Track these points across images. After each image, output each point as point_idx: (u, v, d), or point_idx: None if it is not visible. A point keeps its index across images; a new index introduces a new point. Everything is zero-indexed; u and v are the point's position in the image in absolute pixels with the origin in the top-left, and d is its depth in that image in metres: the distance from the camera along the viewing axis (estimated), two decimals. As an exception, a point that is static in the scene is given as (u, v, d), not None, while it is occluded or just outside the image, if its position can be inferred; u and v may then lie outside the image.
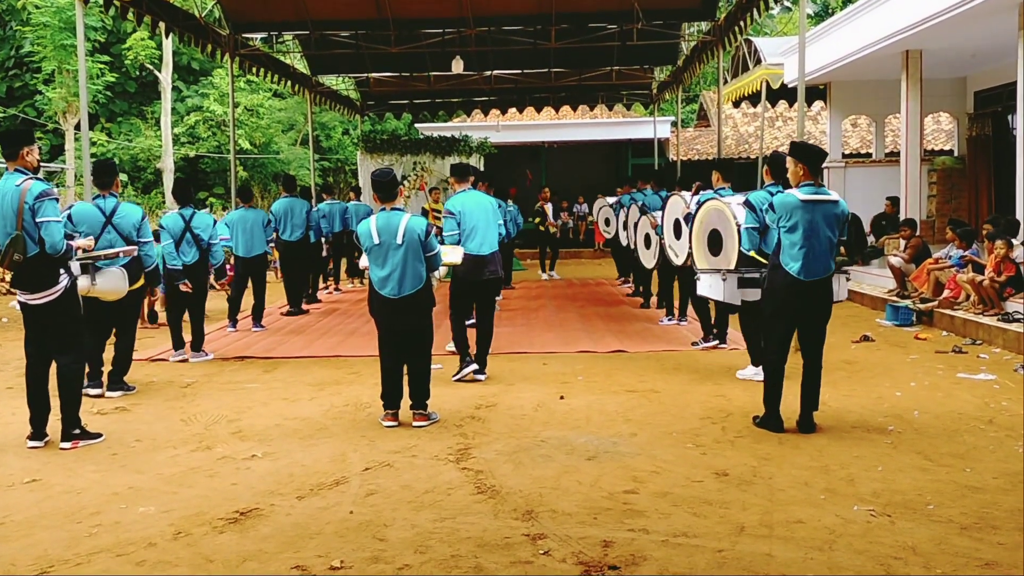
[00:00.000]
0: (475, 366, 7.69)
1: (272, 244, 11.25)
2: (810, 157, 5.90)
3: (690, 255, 8.04)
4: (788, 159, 6.05)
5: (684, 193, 9.26)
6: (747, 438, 5.70)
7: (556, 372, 8.02)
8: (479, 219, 7.70)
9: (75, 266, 5.95)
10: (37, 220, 5.55)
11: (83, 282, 6.40)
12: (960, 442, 5.55)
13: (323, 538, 4.11)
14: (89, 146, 9.59)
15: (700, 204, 8.18)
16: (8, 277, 14.98)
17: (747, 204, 6.99)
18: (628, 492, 4.67)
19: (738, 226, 7.00)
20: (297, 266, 12.69)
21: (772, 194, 6.93)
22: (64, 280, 5.76)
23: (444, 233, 7.66)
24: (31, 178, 5.64)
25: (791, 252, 5.80)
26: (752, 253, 6.76)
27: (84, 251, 6.49)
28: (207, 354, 9.01)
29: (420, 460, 5.34)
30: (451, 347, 8.73)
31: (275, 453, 5.54)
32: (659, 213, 10.31)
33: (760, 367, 7.36)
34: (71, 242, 5.90)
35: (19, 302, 5.80)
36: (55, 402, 5.85)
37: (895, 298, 11.66)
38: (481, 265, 7.63)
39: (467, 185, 7.94)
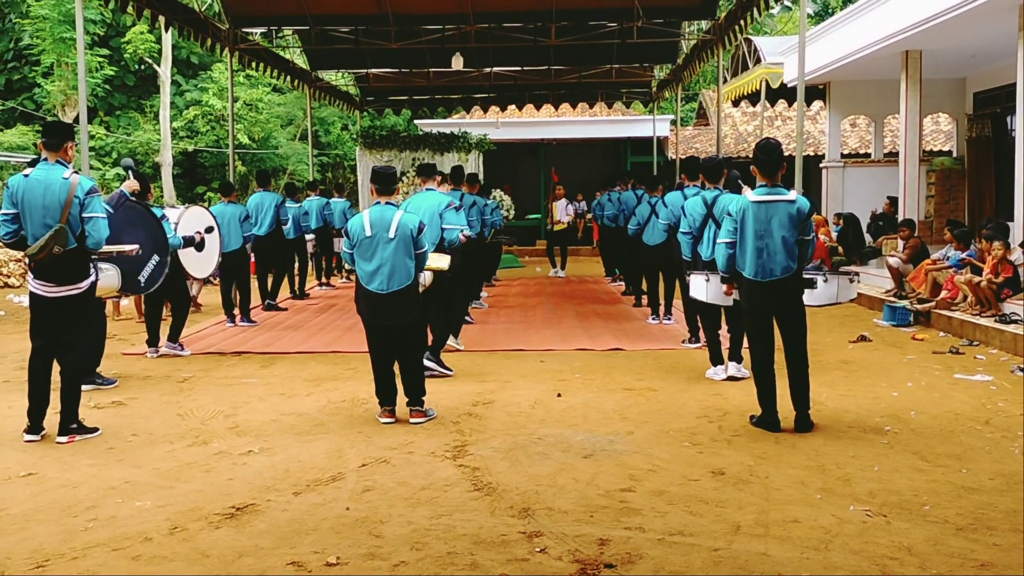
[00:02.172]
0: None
1: (249, 239, 11.09)
2: (757, 158, 5.92)
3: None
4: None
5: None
6: (744, 437, 5.71)
7: (553, 369, 8.02)
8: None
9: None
10: (84, 215, 5.62)
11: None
12: (956, 443, 5.55)
13: (319, 534, 4.11)
14: (87, 139, 9.56)
15: (667, 204, 8.46)
16: (13, 268, 14.88)
17: (682, 210, 7.17)
18: (624, 490, 4.67)
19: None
20: (268, 260, 12.56)
21: (705, 200, 7.33)
22: (92, 275, 5.80)
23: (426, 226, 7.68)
24: (76, 172, 5.71)
25: (746, 253, 5.86)
26: (689, 261, 6.97)
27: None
28: (181, 347, 8.93)
29: (417, 457, 5.35)
30: (451, 343, 8.74)
31: (272, 449, 5.54)
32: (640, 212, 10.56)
33: (717, 368, 7.50)
34: None
35: (34, 293, 5.77)
36: (53, 396, 5.84)
37: (893, 298, 11.66)
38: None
39: (430, 184, 7.92)
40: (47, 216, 5.60)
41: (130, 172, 7.85)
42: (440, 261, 7.18)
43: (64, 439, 5.71)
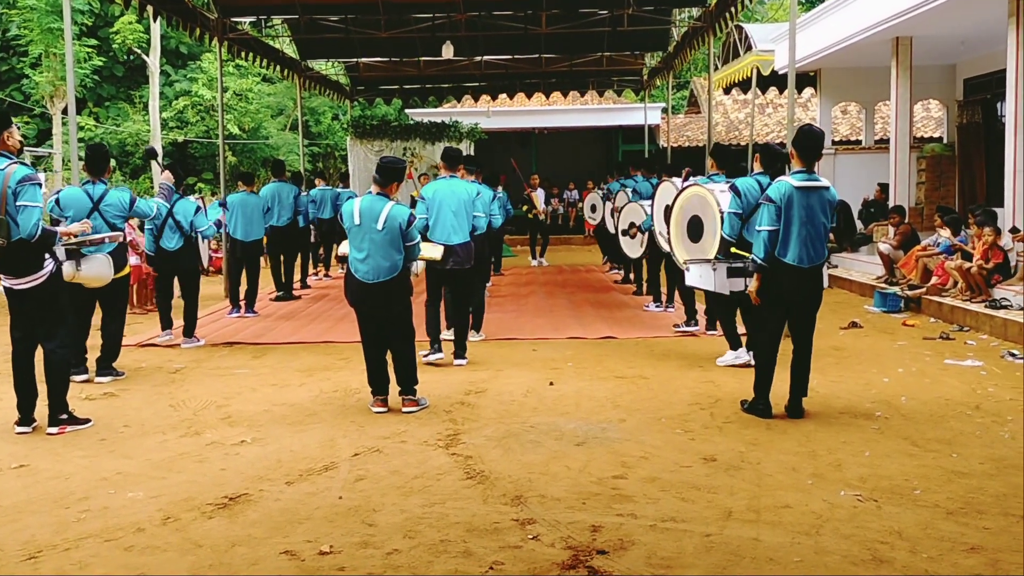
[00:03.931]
0: (440, 354, 7.75)
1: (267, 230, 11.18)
2: (801, 143, 5.90)
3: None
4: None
5: (675, 179, 9.27)
6: (735, 424, 5.73)
7: (546, 358, 8.03)
8: (448, 208, 7.65)
9: (60, 251, 5.92)
10: (17, 204, 5.50)
11: (68, 268, 6.35)
12: (947, 428, 5.58)
13: (312, 523, 4.11)
14: (76, 131, 9.51)
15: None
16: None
17: (733, 189, 7.01)
18: (617, 477, 4.68)
19: (721, 212, 7.02)
20: (285, 251, 12.65)
21: (760, 183, 6.97)
22: (49, 265, 5.72)
23: (416, 217, 7.67)
24: (16, 162, 5.61)
25: (791, 239, 5.81)
26: (733, 241, 6.80)
27: (74, 236, 6.43)
28: (198, 340, 8.98)
29: (409, 446, 5.35)
30: (475, 337, 8.77)
31: (264, 439, 5.54)
32: (649, 201, 10.36)
33: (739, 351, 7.43)
34: (58, 228, 5.86)
35: (4, 287, 5.76)
36: (42, 387, 5.82)
37: (883, 285, 11.70)
38: (446, 254, 7.59)
39: (452, 172, 7.90)
40: None
41: (155, 160, 7.91)
42: (434, 251, 7.18)
43: (54, 430, 5.70)
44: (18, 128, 5.85)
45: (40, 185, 5.69)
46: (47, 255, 5.72)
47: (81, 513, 4.28)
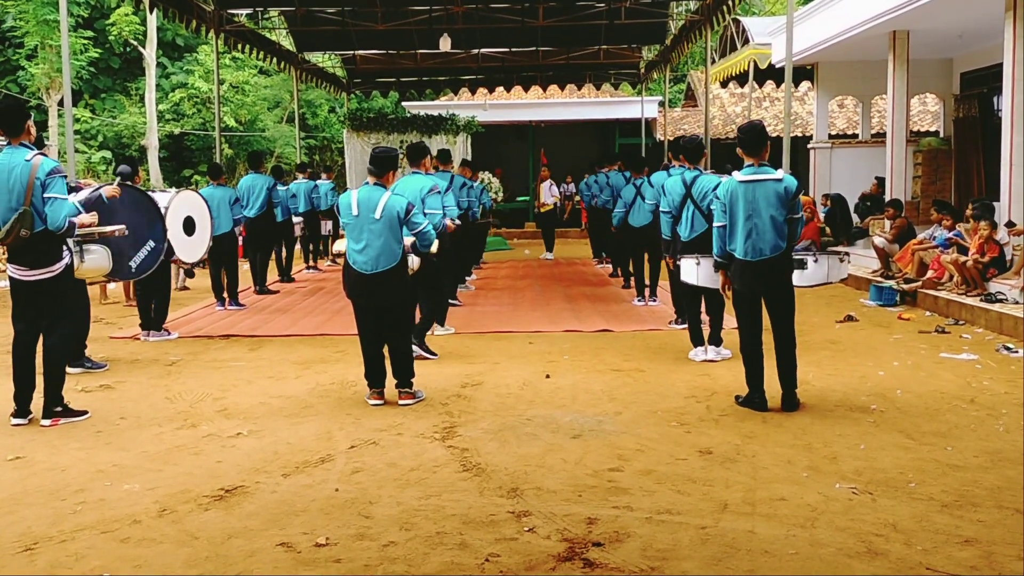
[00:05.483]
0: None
1: (239, 222, 11.00)
2: (742, 140, 5.98)
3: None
4: None
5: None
6: (731, 417, 5.74)
7: (542, 351, 8.03)
8: None
9: (69, 243, 5.93)
10: (45, 196, 5.53)
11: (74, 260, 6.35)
12: (942, 421, 5.60)
13: (308, 515, 4.11)
14: (72, 123, 9.49)
15: (652, 184, 8.45)
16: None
17: (662, 189, 7.16)
18: (612, 470, 4.69)
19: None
20: (259, 243, 12.46)
21: (684, 180, 7.40)
22: (66, 257, 5.75)
23: (415, 206, 7.65)
24: (39, 153, 5.64)
25: (736, 233, 5.89)
26: (668, 239, 6.99)
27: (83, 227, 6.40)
28: (168, 333, 8.92)
29: (406, 438, 5.35)
30: (440, 331, 8.75)
31: (260, 431, 5.54)
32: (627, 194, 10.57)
33: (698, 348, 7.54)
34: (73, 219, 5.86)
35: (11, 278, 5.74)
36: (39, 379, 5.81)
37: (879, 278, 11.71)
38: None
39: (416, 168, 7.86)
40: (12, 199, 5.53)
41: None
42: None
43: (47, 422, 5.69)
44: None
45: (65, 177, 5.72)
46: (64, 247, 5.73)
47: (77, 505, 4.28)
